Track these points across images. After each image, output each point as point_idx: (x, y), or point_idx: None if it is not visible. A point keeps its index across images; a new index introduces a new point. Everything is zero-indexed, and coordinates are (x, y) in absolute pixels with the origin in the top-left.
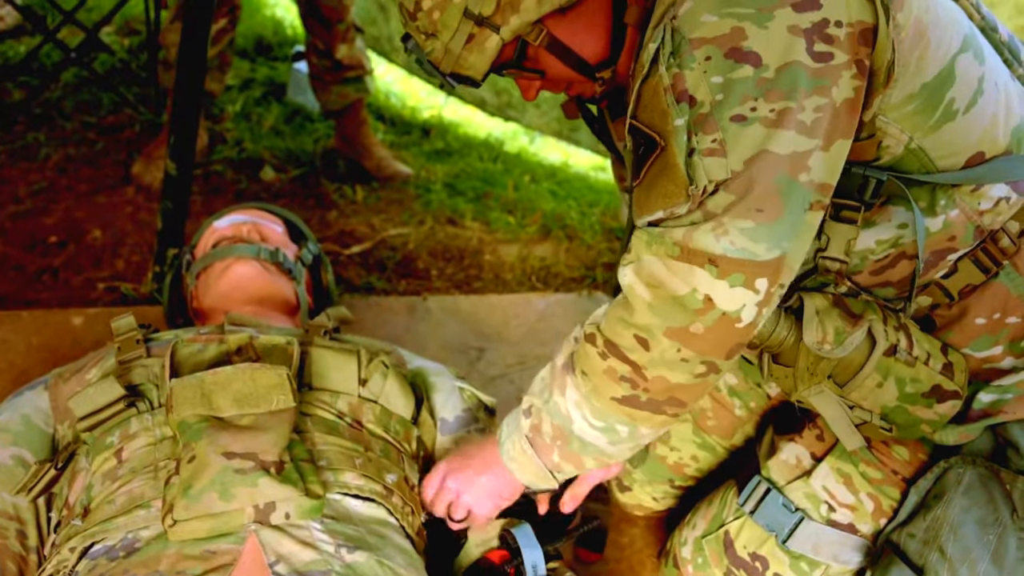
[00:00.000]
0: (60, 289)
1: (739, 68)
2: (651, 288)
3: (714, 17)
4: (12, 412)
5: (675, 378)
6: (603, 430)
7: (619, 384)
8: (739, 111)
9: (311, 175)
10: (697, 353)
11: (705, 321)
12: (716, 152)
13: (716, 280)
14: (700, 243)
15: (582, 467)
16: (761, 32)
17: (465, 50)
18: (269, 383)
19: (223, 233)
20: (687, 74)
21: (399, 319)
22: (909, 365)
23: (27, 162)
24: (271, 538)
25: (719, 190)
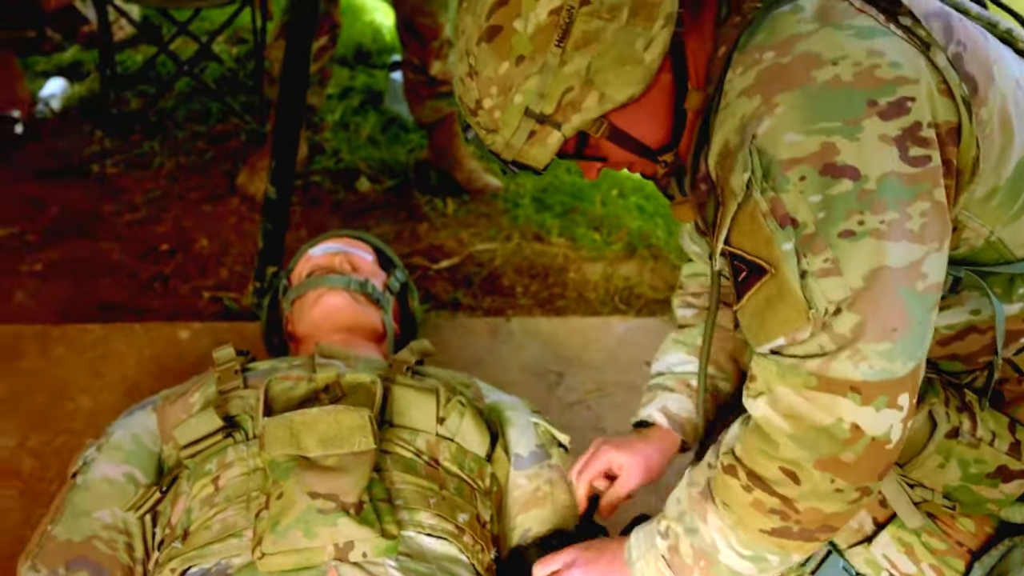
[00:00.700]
0: (169, 297)
1: (837, 183)
2: (791, 420)
3: (800, 136)
4: (124, 431)
5: (829, 508)
6: (752, 559)
7: (768, 517)
8: (846, 226)
9: (404, 186)
10: (851, 482)
11: (855, 449)
12: (830, 272)
13: (861, 407)
14: (839, 372)
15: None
16: (853, 145)
17: (526, 145)
18: (352, 425)
19: (317, 262)
20: (784, 197)
21: (482, 340)
22: (972, 447)
23: (142, 170)
24: (350, 574)
25: (842, 310)
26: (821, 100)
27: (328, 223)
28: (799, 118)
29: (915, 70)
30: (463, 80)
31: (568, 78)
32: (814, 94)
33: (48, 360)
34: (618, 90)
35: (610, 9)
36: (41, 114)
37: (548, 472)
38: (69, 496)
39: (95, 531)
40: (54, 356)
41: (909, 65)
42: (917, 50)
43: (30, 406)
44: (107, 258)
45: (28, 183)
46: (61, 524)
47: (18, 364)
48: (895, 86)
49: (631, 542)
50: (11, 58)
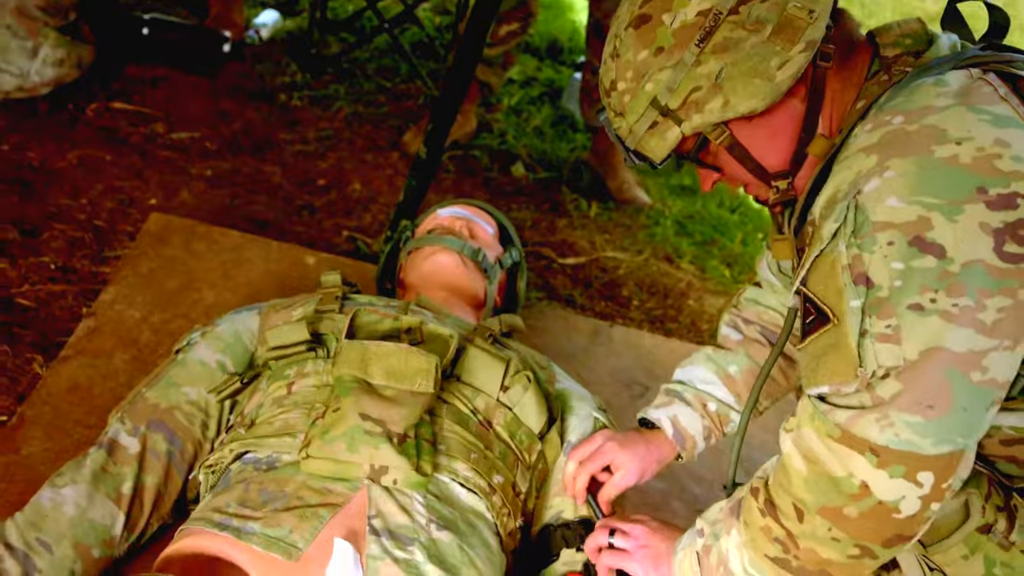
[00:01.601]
0: (313, 227)
1: (922, 257)
2: (808, 463)
3: (901, 203)
4: (228, 325)
5: (826, 554)
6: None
7: (773, 544)
8: (918, 300)
9: (555, 181)
10: (849, 536)
11: (859, 507)
12: (890, 339)
13: (875, 469)
14: (863, 431)
15: None
16: (949, 225)
17: (647, 134)
18: (418, 366)
19: (440, 222)
20: (867, 256)
21: (581, 338)
22: (1003, 548)
23: (322, 109)
24: (379, 496)
25: (889, 376)
26: (932, 174)
27: (476, 195)
28: (906, 186)
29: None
30: (606, 61)
31: (699, 78)
32: (927, 167)
33: (188, 252)
34: (743, 100)
35: (756, 22)
36: (250, 39)
37: None
38: (167, 368)
39: (179, 403)
40: (194, 250)
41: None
42: None
43: (163, 288)
44: (269, 179)
45: (223, 97)
46: (154, 390)
47: (163, 250)
48: (1011, 180)
49: (683, 536)
50: None
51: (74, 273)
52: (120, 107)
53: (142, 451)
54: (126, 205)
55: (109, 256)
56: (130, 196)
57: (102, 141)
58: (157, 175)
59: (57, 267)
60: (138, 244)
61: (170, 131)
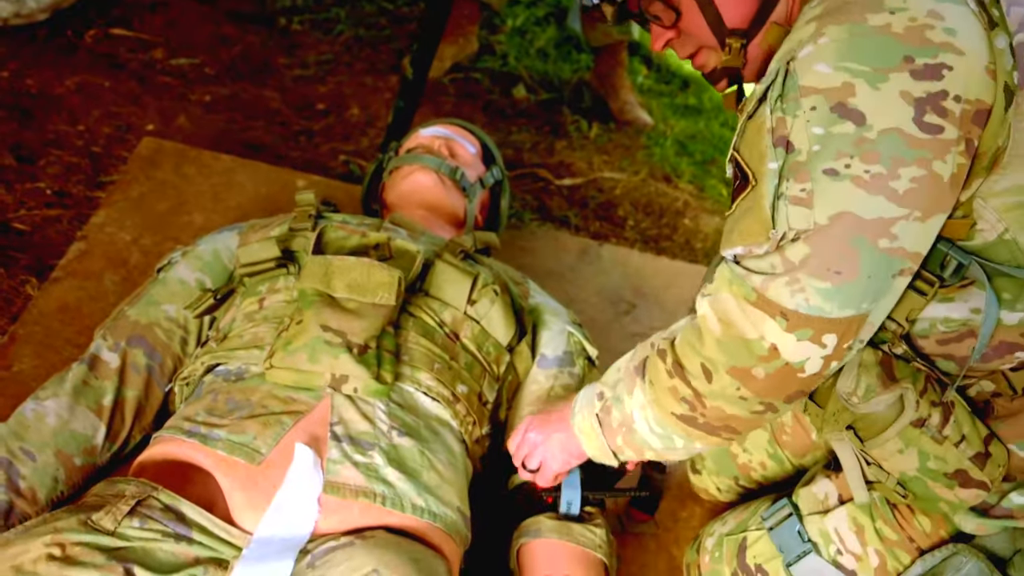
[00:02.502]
0: (309, 151)
1: (842, 123)
2: (722, 324)
3: (828, 68)
4: (208, 245)
5: (731, 410)
6: (661, 437)
7: (679, 403)
8: (833, 165)
9: (557, 102)
10: (755, 394)
11: (767, 367)
12: (803, 201)
13: (784, 332)
14: (775, 295)
15: (642, 456)
16: (872, 92)
17: None
18: (381, 280)
19: (420, 141)
20: (790, 120)
21: (569, 256)
22: (936, 442)
23: (322, 33)
24: (342, 404)
25: (799, 239)
26: (862, 41)
27: (475, 119)
28: (835, 52)
29: (968, 42)
30: None
31: None
32: (858, 34)
33: (179, 176)
34: None
35: None
36: None
37: (566, 378)
38: (148, 287)
39: (159, 320)
40: (185, 174)
41: (964, 36)
42: (982, 25)
43: (153, 211)
44: (267, 104)
45: (223, 22)
46: (135, 307)
47: (154, 173)
48: (939, 50)
49: (577, 398)
50: None
51: (69, 198)
52: (119, 33)
53: (122, 365)
54: (123, 131)
55: (105, 181)
56: (127, 122)
57: (100, 67)
58: (155, 101)
59: (53, 192)
60: (129, 168)
61: (169, 57)
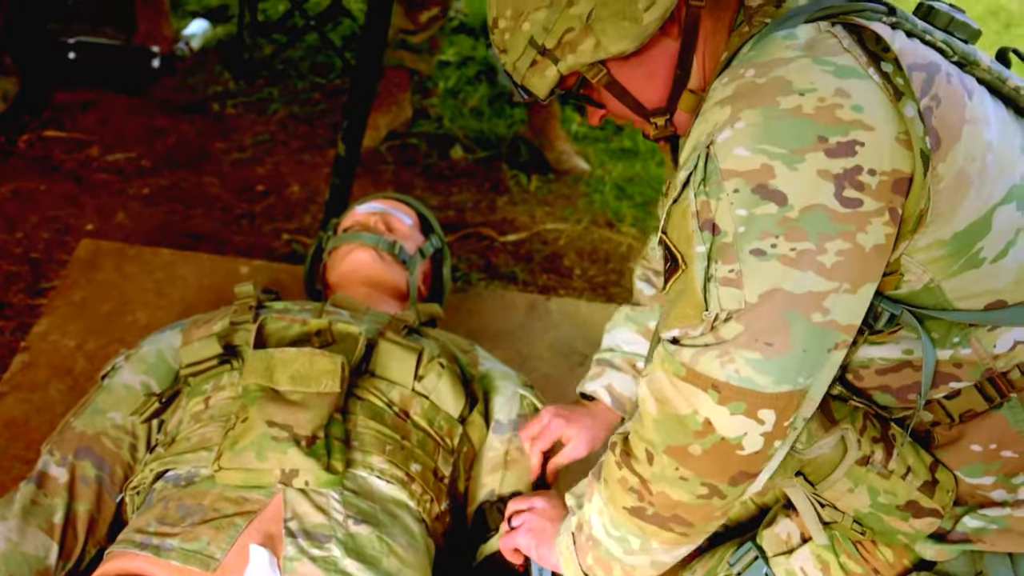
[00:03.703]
0: (252, 234)
1: (764, 204)
2: (658, 403)
3: (747, 152)
4: (152, 346)
5: (676, 495)
6: (618, 540)
7: (628, 494)
8: (759, 245)
9: (495, 159)
10: (695, 474)
11: (703, 443)
12: (732, 282)
13: (717, 405)
14: (705, 368)
15: (610, 571)
16: (790, 173)
17: (528, 72)
18: (324, 368)
19: (357, 219)
20: (713, 203)
21: (517, 314)
22: (883, 477)
23: (257, 114)
24: (294, 498)
25: (731, 319)
26: (776, 124)
27: (415, 184)
28: (752, 136)
29: (877, 117)
30: None
31: (571, 19)
32: (772, 117)
33: (120, 275)
34: (612, 42)
35: None
36: (180, 52)
37: (520, 441)
38: (93, 395)
39: (106, 428)
40: (127, 272)
41: (872, 111)
42: (888, 98)
43: (96, 314)
44: (206, 191)
45: (156, 114)
46: (80, 418)
47: (95, 275)
48: (850, 128)
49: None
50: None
51: (10, 308)
52: (53, 135)
53: (71, 480)
54: (62, 234)
55: (46, 287)
56: (66, 224)
57: (36, 171)
58: (93, 200)
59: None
60: (69, 272)
61: (104, 153)
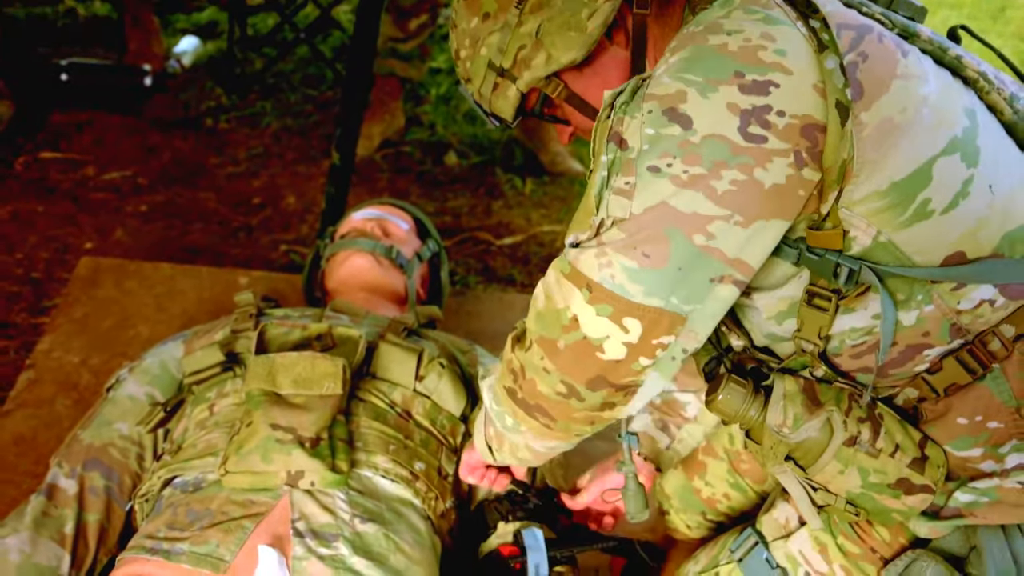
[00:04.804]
0: (250, 247)
1: (670, 126)
2: (545, 298)
3: (669, 80)
4: (155, 358)
5: (540, 386)
6: (497, 414)
7: (508, 375)
8: (656, 163)
9: (489, 164)
10: (556, 368)
11: (567, 339)
12: (624, 193)
13: (586, 304)
14: (584, 267)
15: (501, 450)
16: (701, 101)
17: (493, 96)
18: (326, 371)
19: (354, 225)
20: (627, 120)
21: (515, 315)
22: (872, 456)
23: (251, 128)
24: (300, 499)
25: (614, 226)
26: (700, 58)
27: (410, 191)
28: (678, 67)
29: (797, 64)
30: (450, 32)
31: (522, 37)
32: (698, 52)
33: (121, 291)
34: (562, 52)
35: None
36: (172, 69)
37: None
38: (100, 407)
39: (112, 439)
40: (127, 288)
41: (794, 57)
42: (812, 49)
43: (98, 329)
44: (203, 206)
45: (150, 132)
46: (87, 430)
47: (95, 292)
48: (768, 69)
49: None
50: (150, 16)
51: (14, 328)
52: (48, 156)
53: (80, 491)
54: (62, 253)
55: (48, 306)
56: (65, 243)
57: (33, 193)
58: (91, 218)
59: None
60: (70, 290)
61: (100, 173)
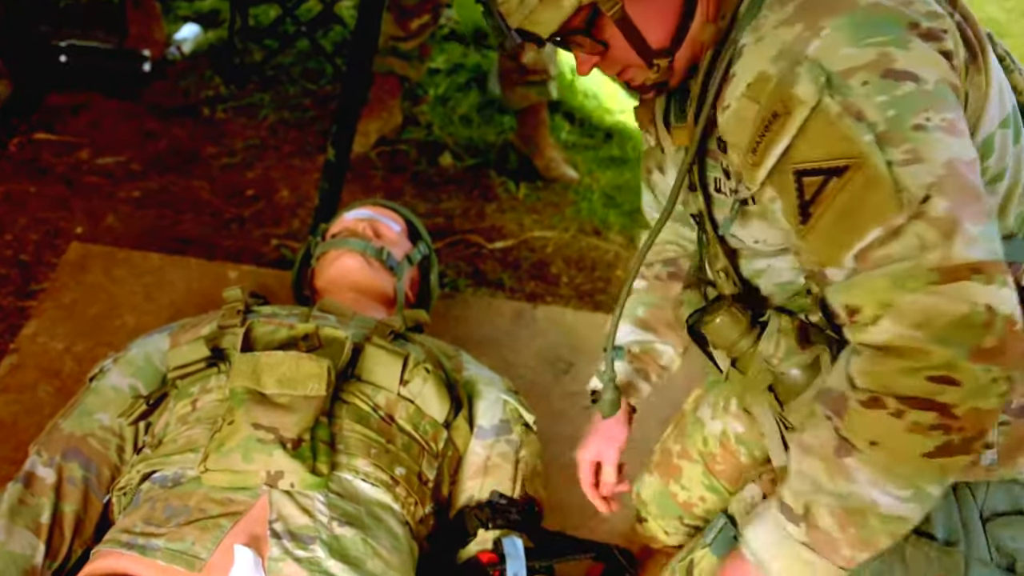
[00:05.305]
0: (241, 239)
1: (901, 85)
2: (924, 327)
3: (855, 49)
4: (140, 349)
5: (986, 405)
6: (913, 499)
7: (928, 436)
8: (916, 121)
9: (484, 166)
10: (1002, 368)
11: (995, 332)
12: (912, 161)
13: (987, 286)
14: (959, 257)
15: (877, 548)
16: (907, 54)
17: (541, 4)
18: (310, 372)
19: (345, 225)
20: (852, 100)
21: (503, 321)
22: None
23: (247, 119)
24: (280, 500)
25: (931, 196)
26: (868, 21)
27: (404, 190)
28: (850, 36)
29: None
30: None
31: None
32: (859, 16)
33: (109, 279)
34: None
35: None
36: (172, 56)
37: (504, 446)
38: (82, 397)
39: (93, 430)
40: (115, 276)
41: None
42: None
43: (84, 316)
44: (196, 195)
45: (147, 117)
46: (68, 420)
47: (84, 277)
48: (930, 18)
49: (751, 547)
50: (152, 2)
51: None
52: (43, 138)
53: (58, 480)
54: (52, 236)
55: (35, 290)
56: (56, 226)
57: (26, 174)
58: (83, 203)
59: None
60: (59, 275)
61: (95, 157)
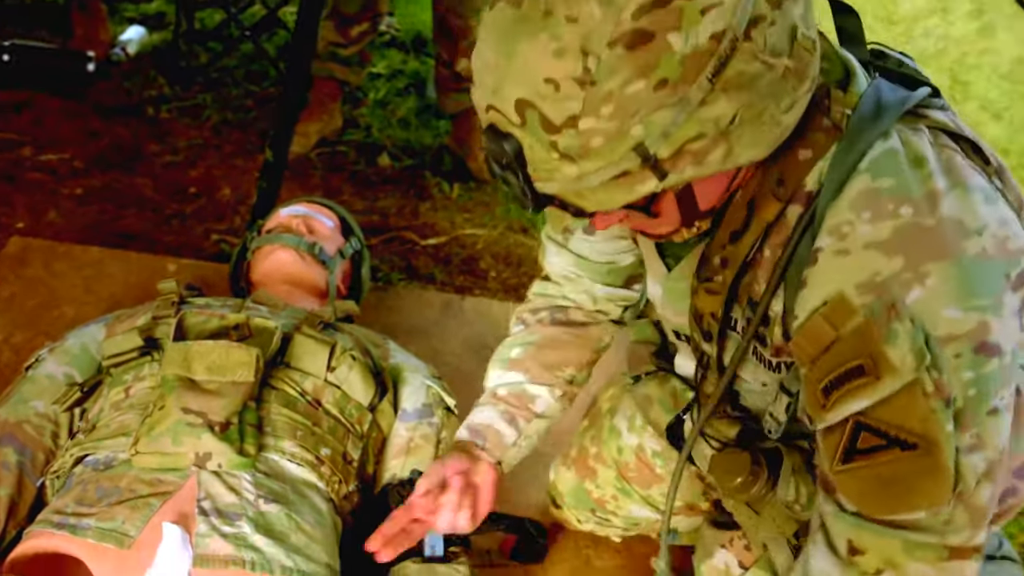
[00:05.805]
0: (183, 235)
1: (988, 362)
2: None
3: (959, 313)
4: (76, 339)
5: None
6: None
7: None
8: (993, 404)
9: (420, 167)
10: None
11: None
12: (976, 447)
13: (978, 563)
14: (974, 542)
15: None
16: (1000, 322)
17: (609, 183)
18: (239, 359)
19: (280, 221)
20: (944, 379)
21: (432, 312)
22: None
23: (191, 119)
24: (208, 480)
25: (981, 483)
26: (973, 274)
27: (342, 189)
28: (956, 293)
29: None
30: (562, 82)
31: (703, 123)
32: (966, 267)
33: (49, 272)
34: (746, 149)
35: (773, 53)
36: (116, 57)
37: (425, 428)
38: (18, 385)
39: (28, 416)
40: (56, 270)
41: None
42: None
43: (23, 308)
44: (139, 192)
45: (90, 116)
46: (4, 407)
47: (23, 271)
48: (1020, 257)
49: None
50: (97, 3)
51: None
52: None
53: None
54: None
55: None
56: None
57: None
58: (25, 198)
59: None
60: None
61: (37, 154)
